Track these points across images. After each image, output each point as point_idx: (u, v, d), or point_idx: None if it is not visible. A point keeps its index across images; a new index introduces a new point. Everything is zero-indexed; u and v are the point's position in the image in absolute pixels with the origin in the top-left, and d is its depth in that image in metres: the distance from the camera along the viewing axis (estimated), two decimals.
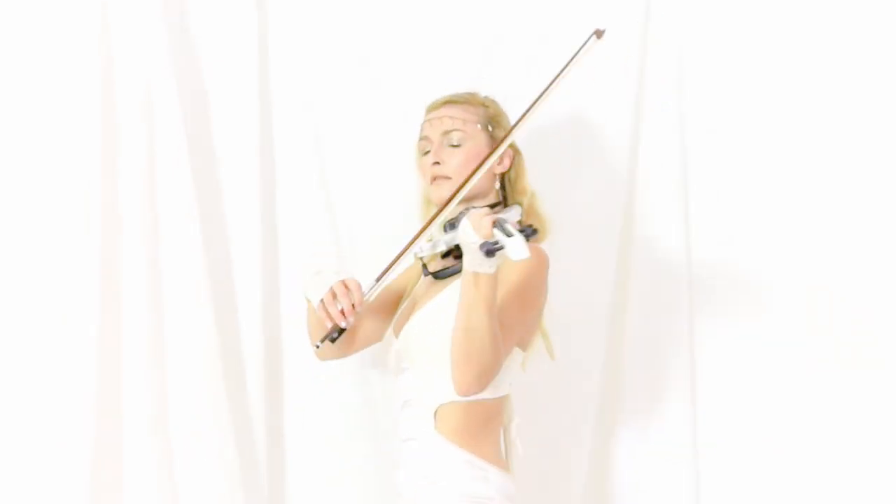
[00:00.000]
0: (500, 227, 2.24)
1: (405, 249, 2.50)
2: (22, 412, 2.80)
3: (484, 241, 2.24)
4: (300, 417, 2.94)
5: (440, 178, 2.56)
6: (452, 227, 2.48)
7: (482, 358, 2.32)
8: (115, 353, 2.80)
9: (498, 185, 2.60)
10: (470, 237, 2.27)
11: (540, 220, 2.57)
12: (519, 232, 2.21)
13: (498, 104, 2.65)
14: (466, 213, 2.38)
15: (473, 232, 2.27)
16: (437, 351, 2.46)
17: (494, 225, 2.25)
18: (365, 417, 2.93)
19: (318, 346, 2.53)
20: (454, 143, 2.58)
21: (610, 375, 2.97)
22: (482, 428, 2.47)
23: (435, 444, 2.45)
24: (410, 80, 2.95)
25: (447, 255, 2.56)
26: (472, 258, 2.29)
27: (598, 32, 2.54)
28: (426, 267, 2.58)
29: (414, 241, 2.50)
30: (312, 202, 2.96)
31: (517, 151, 2.62)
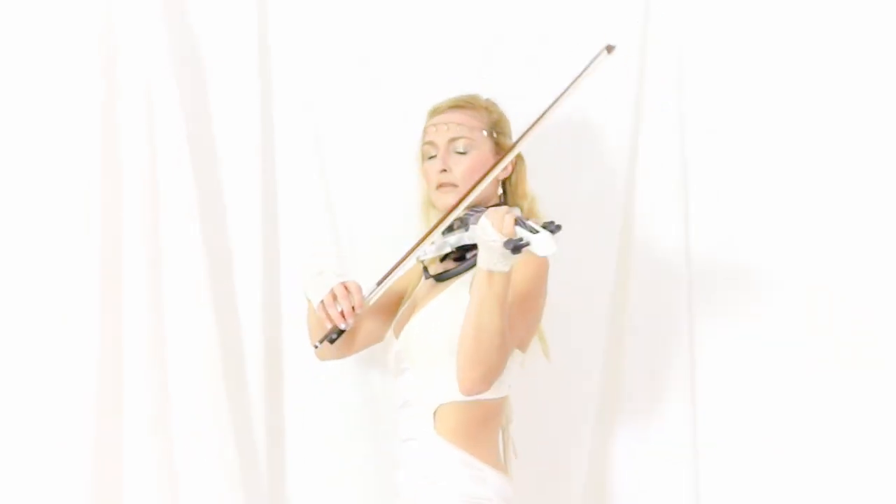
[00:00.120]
0: (522, 224, 2.23)
1: (408, 254, 2.50)
2: (22, 412, 2.80)
3: (508, 238, 2.23)
4: (300, 417, 2.93)
5: (447, 185, 2.56)
6: (454, 229, 2.48)
7: (490, 357, 2.32)
8: (115, 352, 2.80)
9: (500, 190, 2.61)
10: (490, 235, 2.25)
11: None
12: (542, 228, 2.21)
13: (499, 107, 2.65)
14: (472, 215, 2.38)
15: (495, 230, 2.25)
16: (436, 351, 2.47)
17: (516, 222, 2.24)
18: (365, 417, 2.93)
19: (316, 346, 2.54)
20: (460, 150, 2.57)
21: (610, 375, 2.97)
22: (481, 429, 2.48)
23: (434, 444, 2.46)
24: (411, 80, 2.95)
25: (445, 258, 2.57)
26: (488, 256, 2.27)
27: (608, 48, 2.54)
28: (427, 270, 2.59)
29: (416, 246, 2.49)
30: (312, 202, 2.95)
31: (519, 157, 2.63)
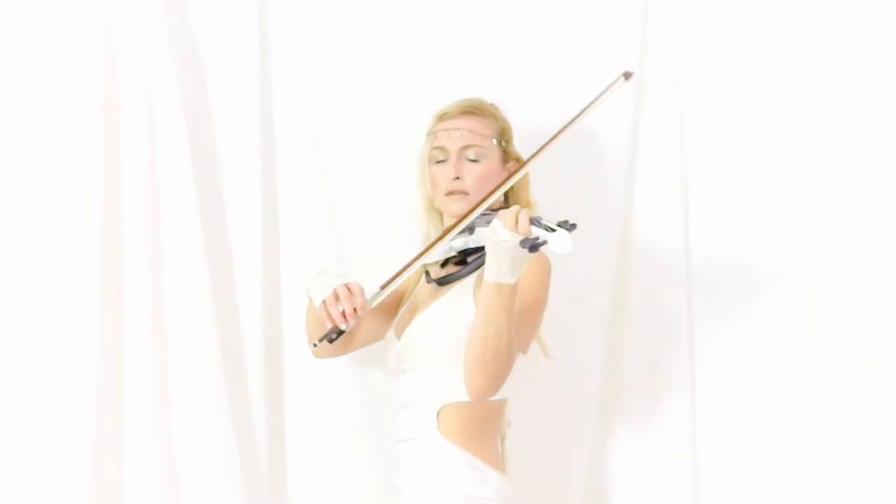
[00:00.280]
0: (537, 223, 2.22)
1: (414, 260, 2.50)
2: (22, 412, 2.80)
3: (524, 237, 2.22)
4: (300, 417, 2.93)
5: (458, 192, 2.56)
6: (459, 233, 2.48)
7: (497, 365, 2.34)
8: (115, 352, 2.80)
9: (502, 197, 2.61)
10: (503, 236, 2.24)
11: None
12: (558, 226, 2.20)
13: (502, 112, 2.67)
14: (477, 219, 2.39)
15: (508, 231, 2.24)
16: (437, 355, 2.48)
17: (531, 222, 2.23)
18: (365, 417, 2.93)
19: (315, 344, 2.54)
20: (472, 157, 2.58)
21: (610, 375, 2.97)
22: (483, 430, 2.49)
23: (437, 444, 2.47)
24: (411, 80, 2.95)
25: (447, 261, 2.57)
26: (497, 265, 2.27)
27: (626, 74, 2.55)
28: (428, 273, 2.59)
29: (423, 253, 2.49)
30: (312, 202, 2.95)
31: (523, 165, 2.63)
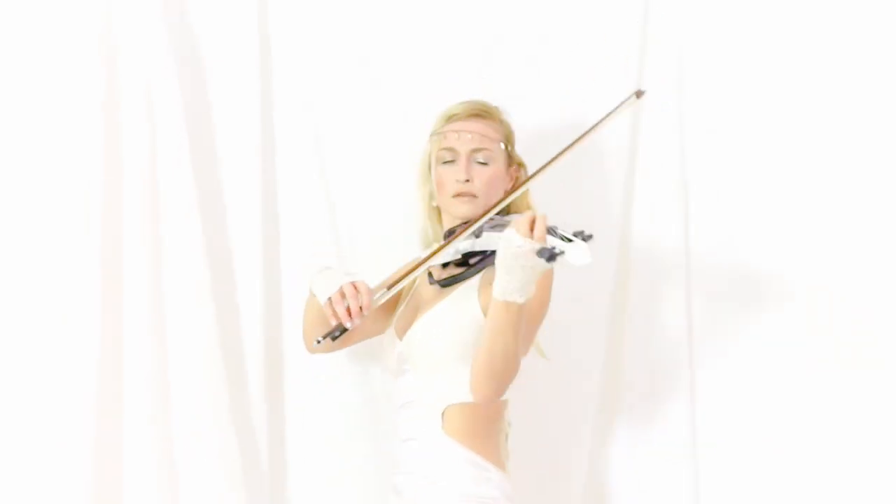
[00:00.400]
0: (552, 232, 2.21)
1: (422, 263, 2.51)
2: (22, 412, 2.80)
3: (542, 246, 2.21)
4: (300, 417, 2.93)
5: (467, 194, 2.56)
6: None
7: (503, 375, 2.37)
8: (115, 352, 2.80)
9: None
10: (516, 241, 2.24)
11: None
12: (574, 236, 2.19)
13: (505, 115, 2.67)
14: (486, 223, 2.39)
15: (523, 238, 2.23)
16: (438, 357, 2.50)
17: (548, 231, 2.22)
18: (365, 417, 2.93)
19: (318, 341, 2.52)
20: (481, 160, 2.58)
21: (610, 375, 2.97)
22: (488, 430, 2.50)
23: (441, 444, 2.47)
24: (411, 80, 2.95)
25: (447, 263, 2.57)
26: (507, 281, 2.27)
27: (637, 93, 2.57)
28: (431, 275, 2.60)
29: (431, 256, 2.50)
30: (312, 202, 2.95)
31: (525, 170, 2.66)
